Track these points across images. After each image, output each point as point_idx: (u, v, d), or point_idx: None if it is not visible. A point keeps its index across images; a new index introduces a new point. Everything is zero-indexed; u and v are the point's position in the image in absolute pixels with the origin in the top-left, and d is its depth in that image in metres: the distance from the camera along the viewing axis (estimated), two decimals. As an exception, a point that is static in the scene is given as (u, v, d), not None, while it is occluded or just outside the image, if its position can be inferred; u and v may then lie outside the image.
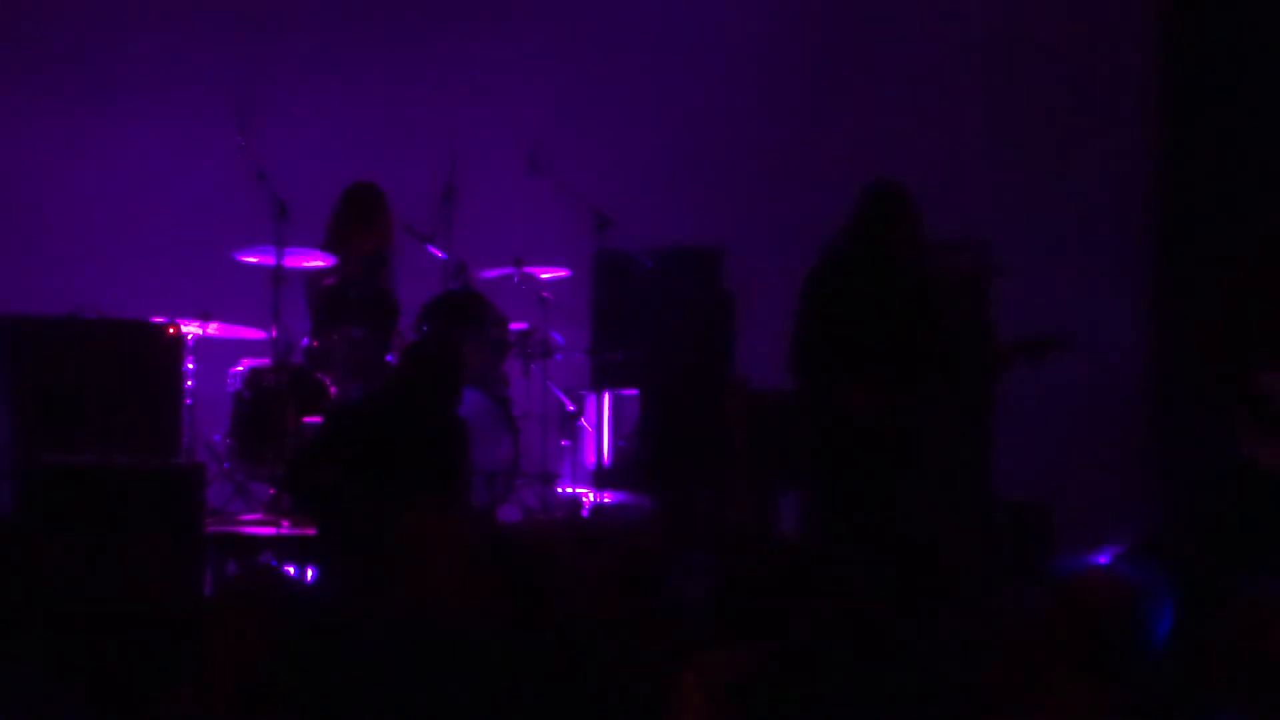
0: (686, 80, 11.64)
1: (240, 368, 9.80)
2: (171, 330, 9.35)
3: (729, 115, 11.65)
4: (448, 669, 4.60)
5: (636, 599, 4.84)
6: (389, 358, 9.70)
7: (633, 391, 10.46)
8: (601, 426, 10.45)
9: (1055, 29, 11.39)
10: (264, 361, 9.71)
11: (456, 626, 4.73)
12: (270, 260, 9.64)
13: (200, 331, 9.66)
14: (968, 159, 11.21)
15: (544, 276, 10.39)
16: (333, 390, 9.53)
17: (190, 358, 9.54)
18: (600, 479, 10.32)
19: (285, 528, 9.03)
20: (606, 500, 10.13)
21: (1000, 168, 11.30)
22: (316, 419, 9.19)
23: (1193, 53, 10.98)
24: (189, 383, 9.50)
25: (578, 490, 10.41)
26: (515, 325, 10.15)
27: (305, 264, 9.82)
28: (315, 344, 9.83)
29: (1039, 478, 9.82)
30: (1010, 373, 8.48)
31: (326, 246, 9.95)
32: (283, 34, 11.48)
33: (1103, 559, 7.99)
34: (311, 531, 8.58)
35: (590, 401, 10.60)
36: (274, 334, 9.70)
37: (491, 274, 10.29)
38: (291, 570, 8.67)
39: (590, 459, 10.49)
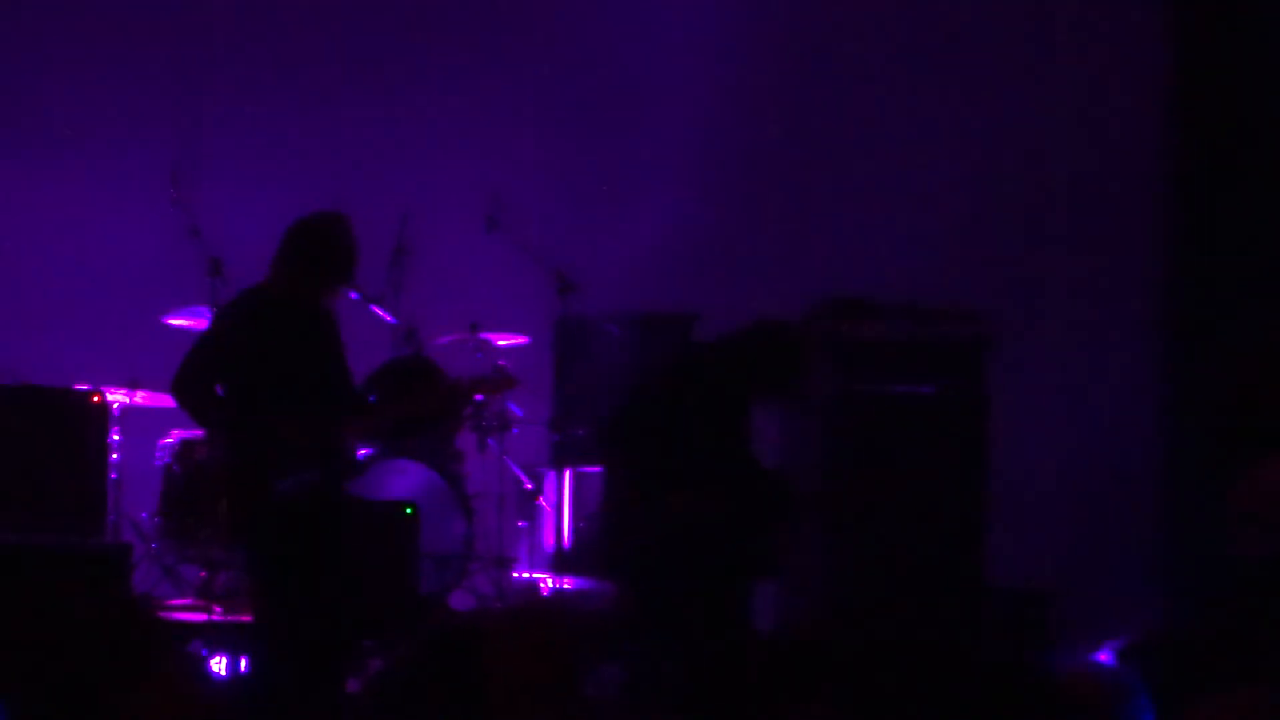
0: (656, 136, 11.53)
1: (170, 440, 9.70)
2: (96, 398, 9.29)
3: (702, 172, 11.54)
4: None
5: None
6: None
7: (596, 469, 10.25)
8: (562, 506, 10.36)
9: (1058, 79, 11.45)
10: (196, 433, 9.52)
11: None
12: (203, 323, 9.39)
13: (127, 400, 9.60)
14: (967, 227, 11.19)
15: (501, 343, 10.35)
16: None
17: (116, 428, 9.50)
18: (560, 563, 10.21)
19: (217, 614, 8.90)
20: (566, 586, 9.99)
21: (1005, 240, 11.30)
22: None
23: (1210, 102, 10.90)
24: (114, 455, 9.45)
25: (536, 575, 10.30)
26: (470, 396, 9.87)
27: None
28: (252, 414, 9.75)
29: (1040, 566, 9.96)
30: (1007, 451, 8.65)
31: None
32: (221, 80, 11.38)
33: (1101, 655, 8.26)
34: (246, 618, 8.38)
35: (550, 479, 10.52)
36: (206, 403, 9.54)
37: (445, 340, 10.24)
38: (223, 660, 8.58)
39: (550, 541, 10.42)
